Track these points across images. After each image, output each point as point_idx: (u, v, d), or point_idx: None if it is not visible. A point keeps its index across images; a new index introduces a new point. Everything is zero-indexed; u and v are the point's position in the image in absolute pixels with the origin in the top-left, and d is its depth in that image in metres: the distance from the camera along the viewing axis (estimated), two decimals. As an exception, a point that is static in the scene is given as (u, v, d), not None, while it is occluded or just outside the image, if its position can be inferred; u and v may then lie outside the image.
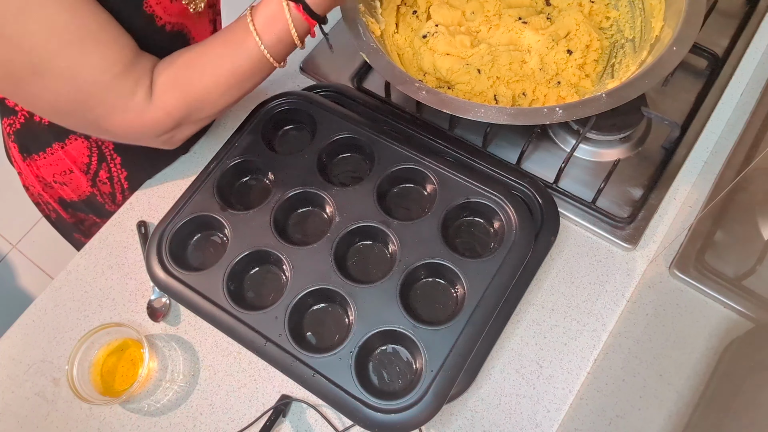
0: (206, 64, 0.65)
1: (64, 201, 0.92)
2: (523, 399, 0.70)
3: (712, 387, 0.49)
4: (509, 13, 0.85)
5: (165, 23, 0.69)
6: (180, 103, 0.65)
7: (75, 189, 0.89)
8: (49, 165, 0.84)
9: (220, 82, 0.66)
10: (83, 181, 0.87)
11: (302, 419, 0.70)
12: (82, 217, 0.96)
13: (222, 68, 0.65)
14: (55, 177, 0.87)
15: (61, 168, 0.85)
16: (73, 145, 0.82)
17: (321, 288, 0.68)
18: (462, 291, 0.67)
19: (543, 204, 0.74)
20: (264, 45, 0.64)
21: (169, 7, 0.69)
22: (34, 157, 0.84)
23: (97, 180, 0.87)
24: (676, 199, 0.79)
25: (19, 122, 0.80)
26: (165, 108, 0.65)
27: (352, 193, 0.74)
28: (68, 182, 0.88)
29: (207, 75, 0.65)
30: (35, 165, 0.85)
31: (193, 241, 0.76)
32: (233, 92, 0.68)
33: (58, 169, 0.85)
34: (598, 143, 0.81)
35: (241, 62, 0.65)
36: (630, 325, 0.71)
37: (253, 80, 0.68)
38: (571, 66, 0.81)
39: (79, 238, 1.02)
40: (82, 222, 0.97)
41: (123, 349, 0.73)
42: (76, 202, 0.92)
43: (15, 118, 0.80)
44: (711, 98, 0.84)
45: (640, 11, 0.84)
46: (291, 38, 0.65)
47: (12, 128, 0.81)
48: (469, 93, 0.81)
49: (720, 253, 0.70)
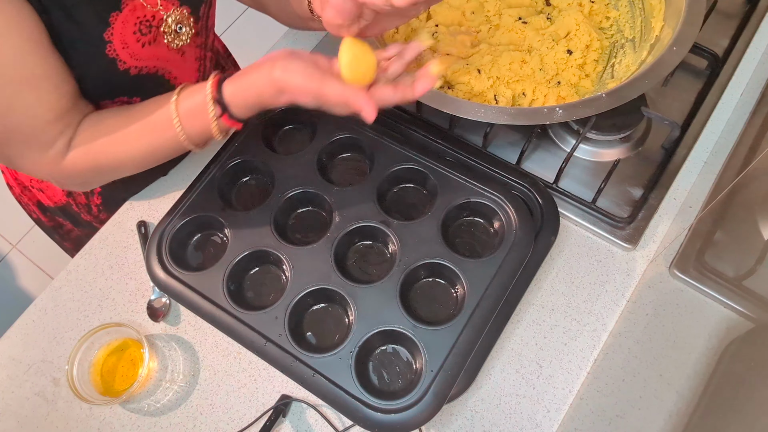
0: (124, 138, 0.66)
1: (42, 205, 0.93)
2: (523, 399, 0.70)
3: (712, 387, 0.49)
4: (509, 13, 0.85)
5: (129, 67, 0.69)
6: (90, 168, 0.67)
7: (51, 196, 0.90)
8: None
9: (135, 157, 0.67)
10: (58, 189, 0.88)
11: (302, 419, 0.70)
12: (60, 222, 0.96)
13: (139, 146, 0.66)
14: (33, 182, 0.88)
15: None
16: None
17: (321, 288, 0.68)
18: (462, 291, 0.67)
19: (543, 204, 0.74)
20: (185, 134, 0.65)
21: (138, 52, 0.69)
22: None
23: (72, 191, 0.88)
24: (676, 199, 0.79)
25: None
26: (75, 168, 0.66)
27: (352, 193, 0.74)
28: (45, 188, 0.88)
29: (122, 149, 0.66)
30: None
31: (193, 241, 0.76)
32: (147, 165, 0.70)
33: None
34: (598, 143, 0.81)
35: (159, 144, 0.67)
36: (630, 325, 0.71)
37: (169, 157, 0.69)
38: (571, 66, 0.81)
39: (60, 241, 1.02)
40: (60, 226, 0.97)
41: (123, 349, 0.73)
42: (52, 208, 0.92)
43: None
44: (711, 98, 0.84)
45: (640, 11, 0.84)
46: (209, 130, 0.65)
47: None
48: (469, 93, 0.81)
49: (720, 253, 0.70)
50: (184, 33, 0.73)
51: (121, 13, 0.66)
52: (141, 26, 0.68)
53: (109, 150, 0.66)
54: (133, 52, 0.68)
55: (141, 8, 0.67)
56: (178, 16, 0.72)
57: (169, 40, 0.72)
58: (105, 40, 0.66)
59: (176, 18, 0.72)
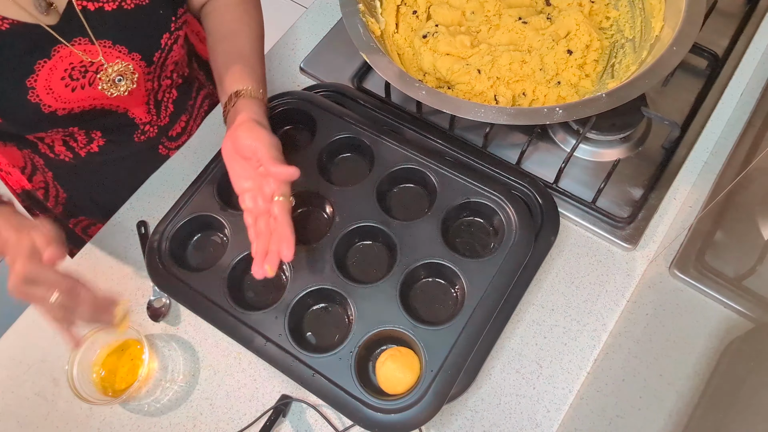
0: None
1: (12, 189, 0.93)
2: (523, 399, 0.70)
3: (712, 387, 0.49)
4: (509, 13, 0.85)
5: (55, 110, 0.69)
6: None
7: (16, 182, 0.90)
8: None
9: None
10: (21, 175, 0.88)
11: (302, 419, 0.70)
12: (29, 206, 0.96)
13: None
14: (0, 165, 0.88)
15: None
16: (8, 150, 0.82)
17: (321, 288, 0.68)
18: (462, 291, 0.67)
19: (543, 204, 0.74)
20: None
21: (65, 96, 0.69)
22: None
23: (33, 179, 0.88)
24: (676, 199, 0.79)
25: None
26: None
27: (352, 193, 0.74)
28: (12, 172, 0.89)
29: None
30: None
31: (193, 241, 0.76)
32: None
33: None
34: (598, 143, 0.81)
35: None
36: (630, 325, 0.71)
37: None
38: (571, 66, 0.81)
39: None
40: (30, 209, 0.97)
41: (123, 349, 0.73)
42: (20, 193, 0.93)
43: None
44: (711, 98, 0.84)
45: (640, 11, 0.84)
46: None
47: None
48: (469, 93, 0.81)
49: (720, 253, 0.70)
50: (123, 85, 0.73)
51: (49, 60, 0.66)
52: (72, 72, 0.68)
53: None
54: (59, 96, 0.68)
55: (73, 56, 0.67)
56: (122, 68, 0.72)
57: (104, 88, 0.72)
58: (27, 86, 0.66)
59: (119, 70, 0.72)
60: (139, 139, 0.85)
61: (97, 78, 0.71)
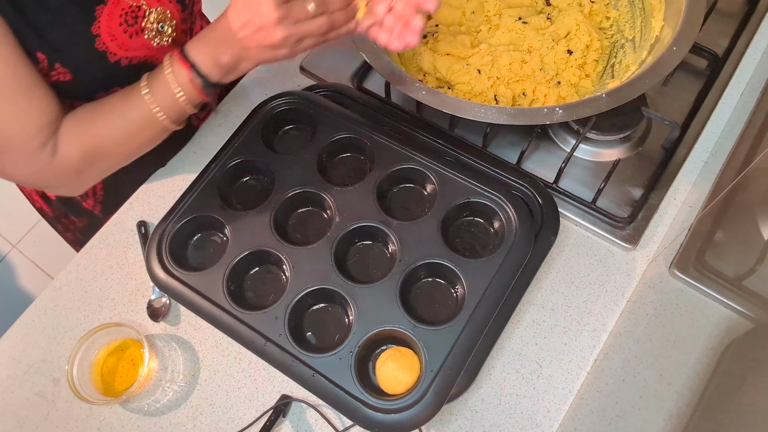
0: (102, 116, 0.67)
1: (46, 195, 0.93)
2: (523, 399, 0.70)
3: (712, 387, 0.49)
4: (509, 13, 0.85)
5: (120, 59, 0.70)
6: (78, 152, 0.67)
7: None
8: None
9: (116, 133, 0.68)
10: None
11: (302, 419, 0.70)
12: (63, 212, 0.97)
13: (115, 122, 0.67)
14: None
15: None
16: None
17: (321, 288, 0.68)
18: (462, 291, 0.67)
19: (543, 204, 0.74)
20: (156, 103, 0.66)
21: (126, 43, 0.69)
22: None
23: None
24: (676, 199, 0.79)
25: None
26: (65, 158, 0.66)
27: (352, 193, 0.74)
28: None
29: (102, 126, 0.67)
30: None
31: (193, 241, 0.76)
32: (129, 145, 0.70)
33: None
34: (598, 143, 0.81)
35: (135, 118, 0.67)
36: (630, 325, 0.71)
37: (152, 140, 0.70)
38: (571, 66, 0.81)
39: (62, 231, 1.02)
40: (65, 215, 0.98)
41: (123, 349, 0.73)
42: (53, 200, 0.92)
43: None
44: (711, 98, 0.84)
45: (640, 11, 0.84)
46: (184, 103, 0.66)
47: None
48: (469, 93, 0.81)
49: (720, 253, 0.70)
50: (166, 33, 0.74)
51: (105, 6, 0.67)
52: (126, 17, 0.69)
53: (90, 130, 0.67)
54: (122, 43, 0.69)
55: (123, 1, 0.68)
56: (161, 15, 0.72)
57: (150, 36, 0.72)
58: (93, 34, 0.66)
59: (158, 16, 0.72)
60: None
61: (143, 25, 0.71)
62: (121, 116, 0.67)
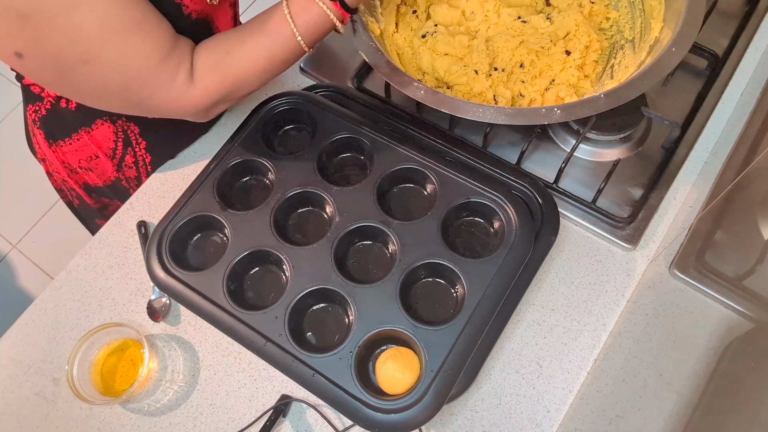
0: (245, 50, 0.69)
1: (89, 186, 0.93)
2: (523, 399, 0.70)
3: (712, 387, 0.49)
4: (509, 12, 0.85)
5: (191, 11, 0.71)
6: (219, 86, 0.69)
7: (100, 174, 0.90)
8: (75, 151, 0.86)
9: (257, 67, 0.69)
10: (109, 166, 0.88)
11: (302, 419, 0.70)
12: (106, 202, 0.97)
13: (259, 55, 0.69)
14: (81, 163, 0.88)
15: (87, 153, 0.86)
16: (99, 130, 0.83)
17: (321, 288, 0.68)
18: (462, 291, 0.67)
19: (543, 204, 0.74)
20: (299, 33, 0.67)
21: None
22: (60, 144, 0.85)
23: (123, 164, 0.88)
24: (676, 199, 0.79)
25: (45, 108, 0.81)
26: (206, 90, 0.68)
27: (352, 193, 0.74)
28: (94, 168, 0.89)
29: (245, 60, 0.69)
30: (61, 151, 0.86)
31: (193, 241, 0.76)
32: (268, 75, 0.72)
33: (84, 155, 0.86)
34: (598, 143, 0.81)
35: (277, 49, 0.69)
36: (630, 325, 0.71)
37: (286, 64, 0.72)
38: (570, 66, 0.81)
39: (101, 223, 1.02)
40: (106, 207, 0.98)
41: (123, 349, 0.73)
42: (101, 187, 0.93)
43: (41, 104, 0.80)
44: (711, 98, 0.84)
45: (640, 12, 0.84)
46: (324, 25, 0.68)
47: (38, 115, 0.82)
48: (468, 93, 0.81)
49: (720, 253, 0.70)
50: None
51: None
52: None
53: (233, 64, 0.68)
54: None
55: None
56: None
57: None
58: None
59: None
60: None
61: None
62: (264, 50, 0.68)
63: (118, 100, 0.68)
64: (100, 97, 0.67)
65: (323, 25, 0.68)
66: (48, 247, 1.89)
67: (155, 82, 0.65)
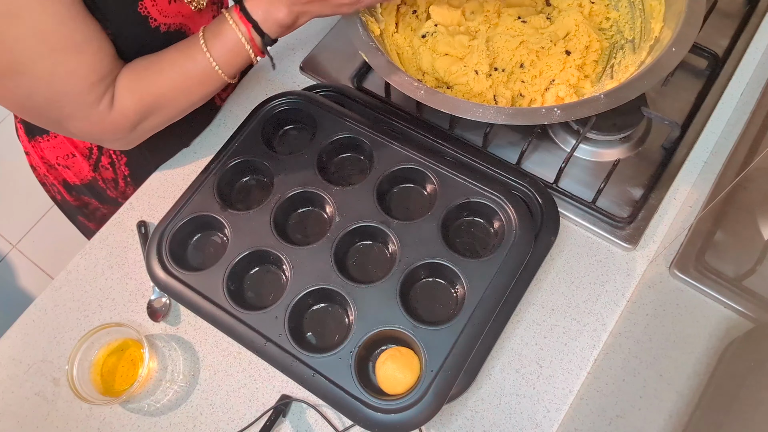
0: (160, 69, 0.68)
1: (68, 184, 0.93)
2: (523, 399, 0.70)
3: (712, 387, 0.49)
4: (509, 12, 0.85)
5: (159, 24, 0.71)
6: (137, 105, 0.68)
7: (77, 173, 0.90)
8: (52, 147, 0.86)
9: (174, 87, 0.69)
10: (85, 165, 0.88)
11: (302, 419, 0.70)
12: (85, 201, 0.97)
13: (174, 74, 0.68)
14: (59, 160, 0.88)
15: (64, 151, 0.86)
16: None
17: (321, 288, 0.68)
18: (462, 291, 0.67)
19: (543, 204, 0.74)
20: (212, 57, 0.67)
21: (165, 9, 0.70)
22: (38, 139, 0.85)
23: (99, 165, 0.88)
24: (676, 199, 0.79)
25: None
26: (123, 111, 0.67)
27: (352, 193, 0.74)
28: (71, 166, 0.89)
29: (161, 79, 0.68)
30: (39, 147, 0.86)
31: (193, 241, 0.76)
32: (187, 98, 0.71)
33: (61, 152, 0.86)
34: (598, 143, 0.81)
35: (192, 71, 0.68)
36: (630, 325, 0.71)
37: (204, 88, 0.71)
38: (569, 66, 0.81)
39: (84, 221, 1.02)
40: (86, 206, 0.98)
41: (123, 349, 0.73)
42: (78, 185, 0.93)
43: None
44: (711, 98, 0.84)
45: (640, 12, 0.84)
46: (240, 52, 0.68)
47: None
48: (468, 94, 0.81)
49: (720, 253, 0.70)
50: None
51: None
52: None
53: (149, 82, 0.68)
54: (162, 9, 0.70)
55: None
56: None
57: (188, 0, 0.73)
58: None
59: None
60: None
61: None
62: (179, 70, 0.68)
63: (38, 114, 0.67)
64: (21, 107, 0.66)
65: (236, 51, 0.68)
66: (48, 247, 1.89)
67: (81, 103, 0.65)
